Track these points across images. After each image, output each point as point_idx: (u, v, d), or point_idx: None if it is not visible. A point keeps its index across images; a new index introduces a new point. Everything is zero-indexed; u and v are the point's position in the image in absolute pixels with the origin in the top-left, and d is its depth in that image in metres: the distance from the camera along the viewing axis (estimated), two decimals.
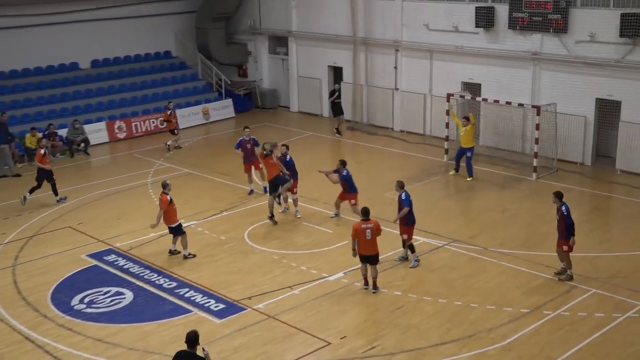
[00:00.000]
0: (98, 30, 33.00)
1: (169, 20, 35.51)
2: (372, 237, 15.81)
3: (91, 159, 27.87)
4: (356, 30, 30.55)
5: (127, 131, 30.58)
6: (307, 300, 15.78)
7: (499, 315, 14.92)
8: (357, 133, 30.39)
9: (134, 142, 29.93)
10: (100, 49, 33.38)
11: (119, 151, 28.75)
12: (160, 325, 14.92)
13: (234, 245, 18.89)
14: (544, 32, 25.14)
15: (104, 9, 33.04)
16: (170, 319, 15.14)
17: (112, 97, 32.05)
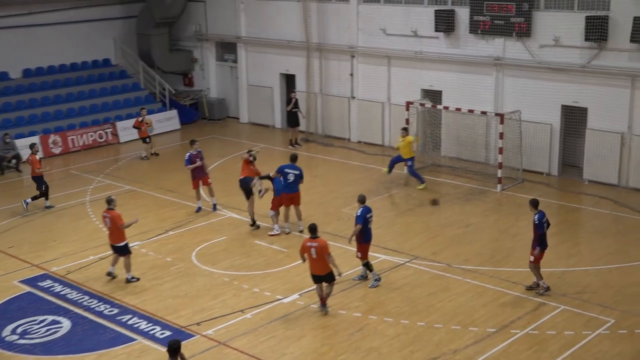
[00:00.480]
0: (30, 37, 32.61)
1: (108, 26, 35.26)
2: (318, 257, 15.71)
3: (23, 176, 27.42)
4: (309, 36, 30.68)
5: (63, 146, 30.21)
6: (260, 324, 15.72)
7: (464, 336, 15.04)
8: (312, 145, 30.45)
9: (71, 158, 29.58)
10: (32, 57, 32.95)
11: (54, 167, 28.28)
12: (100, 355, 14.71)
13: (180, 267, 18.74)
14: (506, 36, 25.56)
15: (36, 14, 32.66)
16: (111, 349, 14.93)
17: (46, 109, 31.65)
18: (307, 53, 30.94)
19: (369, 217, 17.17)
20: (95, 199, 23.91)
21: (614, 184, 23.86)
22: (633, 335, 14.85)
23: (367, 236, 17.23)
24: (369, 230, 17.27)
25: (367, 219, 17.10)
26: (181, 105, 35.04)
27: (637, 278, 17.48)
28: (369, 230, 17.25)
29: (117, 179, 26.21)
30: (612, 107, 23.66)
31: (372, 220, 17.34)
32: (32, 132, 29.99)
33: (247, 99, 34.27)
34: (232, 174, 25.93)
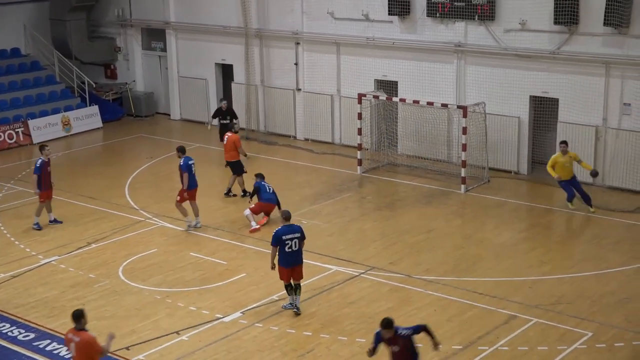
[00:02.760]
0: None
1: (16, 10, 34.82)
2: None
3: None
4: (248, 21, 30.67)
5: None
6: (198, 347, 15.64)
7: (427, 355, 15.14)
8: (253, 143, 30.41)
9: None
10: None
11: None
12: None
13: (106, 285, 18.58)
14: (468, 20, 25.86)
15: None
16: None
17: None
18: (245, 40, 30.91)
19: (286, 240, 16.30)
20: (6, 209, 23.56)
21: (589, 182, 24.29)
22: (612, 349, 15.14)
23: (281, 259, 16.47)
24: (285, 255, 16.38)
25: (283, 240, 16.29)
26: (103, 100, 34.75)
27: (615, 286, 17.83)
28: (285, 255, 16.38)
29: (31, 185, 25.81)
30: (586, 98, 24.11)
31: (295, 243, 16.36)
32: None
33: (179, 93, 34.13)
34: (163, 177, 25.91)
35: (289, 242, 16.32)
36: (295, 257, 16.49)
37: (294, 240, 16.37)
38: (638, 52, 22.84)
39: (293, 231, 16.44)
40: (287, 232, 16.38)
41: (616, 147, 23.76)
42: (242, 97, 31.47)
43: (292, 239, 16.35)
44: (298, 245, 16.46)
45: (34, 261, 19.97)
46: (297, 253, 16.49)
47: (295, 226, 16.61)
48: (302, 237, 16.60)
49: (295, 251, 16.44)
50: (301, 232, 16.56)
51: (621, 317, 16.35)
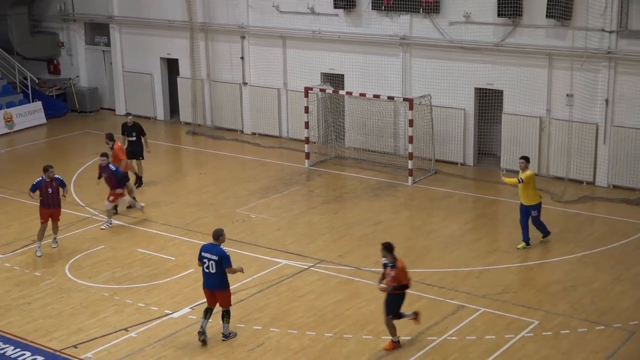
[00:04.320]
0: None
1: None
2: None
3: None
4: (193, 14, 30.50)
5: None
6: (147, 343, 15.58)
7: (377, 346, 15.27)
8: (199, 138, 30.31)
9: None
10: None
11: None
12: None
13: (52, 282, 18.41)
14: (413, 13, 26.01)
15: None
16: None
17: None
18: (190, 34, 30.74)
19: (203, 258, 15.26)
20: None
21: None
22: (558, 337, 15.40)
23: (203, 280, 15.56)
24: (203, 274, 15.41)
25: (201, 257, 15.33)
26: (47, 96, 34.35)
27: (560, 275, 18.14)
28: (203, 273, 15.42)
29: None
30: (530, 89, 24.45)
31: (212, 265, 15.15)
32: None
33: (124, 88, 33.83)
34: None
35: (205, 262, 15.19)
36: (213, 280, 15.25)
37: (211, 261, 15.09)
38: (580, 43, 23.17)
39: (211, 251, 15.17)
40: (207, 250, 15.24)
41: (559, 138, 24.10)
42: (188, 92, 31.31)
43: (209, 260, 15.12)
44: (215, 269, 15.09)
45: None
46: (214, 276, 15.16)
47: (218, 248, 15.15)
48: (222, 263, 15.02)
49: (213, 274, 15.14)
50: (220, 255, 15.02)
51: (566, 305, 16.64)
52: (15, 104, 32.80)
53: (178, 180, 26.16)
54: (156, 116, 33.17)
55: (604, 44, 23.03)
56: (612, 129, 23.39)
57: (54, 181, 19.91)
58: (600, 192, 23.45)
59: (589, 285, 17.56)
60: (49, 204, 19.87)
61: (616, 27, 22.79)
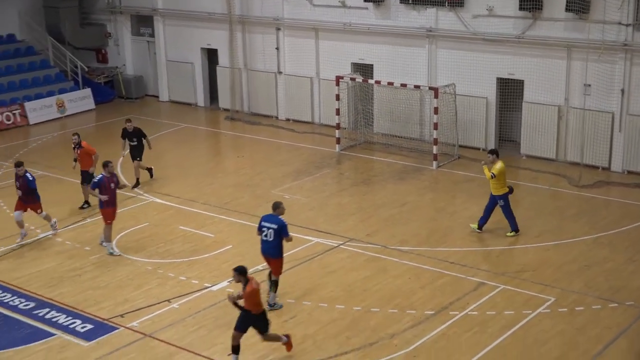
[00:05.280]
0: None
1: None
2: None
3: None
4: (232, 7, 30.51)
5: None
6: (188, 314, 15.72)
7: (402, 319, 15.31)
8: (237, 123, 30.40)
9: None
10: None
11: None
12: (17, 352, 14.52)
13: (101, 257, 18.58)
14: (438, 6, 25.87)
15: None
16: (29, 345, 14.76)
17: None
18: (229, 26, 30.76)
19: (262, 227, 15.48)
20: (5, 186, 23.44)
21: (552, 158, 24.50)
22: (573, 313, 15.36)
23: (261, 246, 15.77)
24: (261, 241, 15.62)
25: (260, 226, 15.56)
26: (95, 83, 34.55)
27: (576, 255, 18.05)
28: (261, 241, 15.63)
29: (29, 163, 25.49)
30: (549, 79, 24.26)
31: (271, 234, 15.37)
32: None
33: (167, 76, 33.96)
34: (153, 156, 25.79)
35: (265, 230, 15.39)
36: (269, 247, 15.44)
37: (270, 230, 15.30)
38: (597, 36, 22.94)
39: (270, 221, 15.38)
40: (266, 220, 15.43)
41: (576, 125, 23.92)
42: (226, 80, 31.38)
43: (268, 228, 15.33)
44: (273, 237, 15.31)
45: (32, 235, 19.93)
46: (271, 244, 15.36)
47: (277, 219, 15.37)
48: (280, 232, 15.24)
49: (270, 242, 15.35)
50: (280, 225, 15.24)
51: (581, 284, 16.58)
52: (67, 90, 33.05)
53: (217, 163, 26.30)
54: (197, 102, 33.28)
55: (620, 36, 22.79)
56: (628, 118, 23.16)
57: (113, 176, 18.78)
58: (615, 177, 23.25)
59: (603, 265, 17.47)
60: (114, 202, 18.67)
61: (632, 20, 22.54)
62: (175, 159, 26.12)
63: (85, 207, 21.65)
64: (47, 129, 30.50)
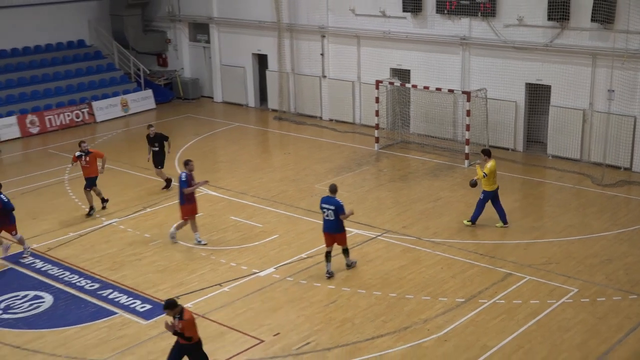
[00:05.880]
0: (5, 18, 32.15)
1: (82, 7, 34.83)
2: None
3: (2, 156, 27.16)
4: (280, 16, 30.55)
5: (41, 125, 29.93)
6: (237, 297, 15.80)
7: (434, 306, 15.24)
8: (284, 123, 30.46)
9: (48, 137, 29.32)
10: (8, 39, 32.52)
11: (32, 147, 28.11)
12: (82, 329, 14.71)
13: (159, 243, 18.74)
14: (472, 16, 25.65)
15: None
16: (93, 322, 14.95)
17: (23, 89, 31.29)
18: (278, 33, 30.81)
19: (322, 208, 16.31)
20: (74, 177, 23.75)
21: (577, 158, 24.17)
22: (594, 304, 15.14)
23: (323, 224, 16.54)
24: (324, 221, 16.43)
25: (321, 207, 16.38)
26: (156, 85, 34.82)
27: (598, 249, 17.78)
28: (323, 221, 16.44)
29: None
30: (574, 85, 23.89)
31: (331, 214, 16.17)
32: (9, 112, 29.68)
33: (221, 79, 34.12)
34: (207, 151, 26.07)
35: (325, 211, 16.15)
36: (331, 225, 16.18)
37: (330, 211, 16.08)
38: (621, 44, 22.55)
39: (329, 203, 16.11)
40: (325, 202, 16.19)
41: (600, 128, 23.55)
42: (275, 83, 31.46)
43: (327, 209, 16.11)
44: (333, 216, 16.07)
45: (97, 222, 20.18)
46: (333, 222, 16.13)
47: (334, 200, 16.10)
48: (338, 210, 16.01)
49: (332, 221, 16.12)
50: (337, 206, 16.01)
51: (602, 276, 16.34)
52: (130, 91, 33.37)
53: (265, 159, 26.37)
54: (248, 103, 33.40)
55: None
56: None
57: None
58: (636, 177, 22.84)
59: (624, 259, 17.19)
60: (193, 198, 18.40)
61: None
62: (228, 155, 26.23)
63: (91, 214, 20.48)
64: (112, 126, 30.85)
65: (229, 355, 13.65)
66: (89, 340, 14.25)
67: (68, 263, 17.68)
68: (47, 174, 24.42)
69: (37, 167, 25.30)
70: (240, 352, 13.76)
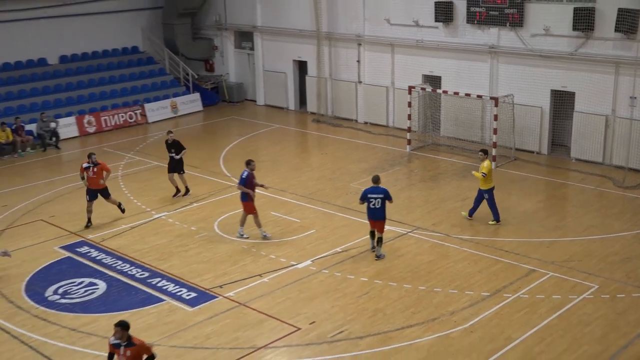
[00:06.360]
0: (66, 26, 32.62)
1: (136, 16, 35.20)
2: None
3: (62, 153, 27.58)
4: (320, 25, 30.55)
5: (97, 125, 30.31)
6: (276, 287, 15.84)
7: (461, 299, 15.13)
8: (322, 125, 30.45)
9: (104, 136, 29.68)
10: (68, 45, 32.99)
11: (89, 145, 28.47)
12: (133, 314, 14.86)
13: (204, 236, 18.85)
14: (500, 26, 25.42)
15: (71, 5, 32.63)
16: (143, 308, 15.09)
17: (81, 92, 31.72)
18: (317, 41, 30.82)
19: (370, 198, 16.73)
20: (127, 174, 24.04)
21: (599, 161, 23.83)
22: (614, 300, 14.91)
23: (367, 212, 16.99)
24: (369, 209, 16.87)
25: (368, 198, 16.79)
26: (203, 88, 35.02)
27: (618, 248, 17.50)
28: (369, 209, 16.88)
29: (146, 155, 26.30)
30: (598, 92, 23.55)
31: (378, 202, 16.70)
32: (68, 113, 30.09)
33: (263, 83, 34.23)
34: (250, 151, 26.17)
35: (372, 200, 16.65)
36: (377, 213, 16.72)
37: (378, 199, 16.62)
38: None
39: (377, 192, 16.69)
40: (372, 192, 16.71)
41: (622, 133, 23.19)
42: (314, 88, 31.49)
43: (375, 198, 16.65)
44: (381, 204, 16.63)
45: (148, 216, 20.36)
46: (378, 210, 16.69)
47: (380, 188, 16.77)
48: (386, 197, 16.69)
49: (378, 209, 16.67)
50: (385, 194, 16.68)
51: (622, 274, 16.08)
52: (179, 94, 33.61)
53: (304, 159, 26.41)
54: (288, 106, 33.46)
55: None
56: None
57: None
58: None
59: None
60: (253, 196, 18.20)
61: None
62: (269, 155, 26.31)
63: (89, 226, 19.44)
64: (162, 126, 31.08)
65: (268, 342, 13.70)
66: (138, 325, 14.37)
67: (120, 253, 17.88)
68: None
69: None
70: (278, 339, 13.79)
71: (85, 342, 13.86)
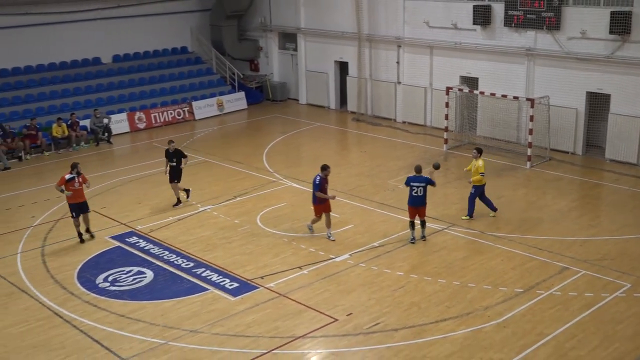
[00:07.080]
0: (119, 27, 33.03)
1: (186, 18, 35.49)
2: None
3: (114, 148, 27.95)
4: (361, 27, 30.46)
5: (147, 122, 30.64)
6: (315, 279, 15.84)
7: (494, 295, 14.96)
8: (362, 124, 30.37)
9: (153, 132, 29.99)
10: (121, 45, 33.40)
11: (139, 140, 28.82)
12: (178, 302, 15.00)
13: (247, 229, 18.92)
14: (537, 29, 25.05)
15: (124, 7, 33.04)
16: (188, 297, 15.21)
17: (133, 89, 32.09)
18: (358, 43, 30.73)
19: (413, 186, 17.38)
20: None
21: (634, 163, 23.34)
22: None
23: (409, 199, 17.58)
24: (412, 197, 17.47)
25: (411, 185, 17.43)
26: (248, 87, 35.17)
27: None
28: (411, 197, 17.47)
29: (193, 151, 26.49)
30: (634, 94, 23.07)
31: (421, 190, 17.34)
32: (120, 110, 30.48)
33: (306, 83, 34.25)
34: (292, 148, 26.19)
35: (415, 188, 17.25)
36: (419, 200, 17.30)
37: (420, 187, 17.21)
38: None
39: (419, 181, 17.26)
40: (415, 180, 17.29)
41: None
42: (354, 88, 31.40)
43: (417, 187, 17.24)
44: (423, 192, 17.23)
45: (194, 209, 20.51)
46: (421, 197, 17.27)
47: (422, 177, 17.31)
48: (428, 183, 17.29)
49: (420, 196, 17.26)
50: (427, 181, 17.28)
51: None
52: (225, 93, 33.78)
53: (344, 156, 26.35)
54: (329, 105, 33.44)
55: None
56: None
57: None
58: None
59: None
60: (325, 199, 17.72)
61: None
62: (310, 152, 26.33)
63: (83, 242, 18.24)
64: (208, 123, 31.33)
65: (306, 331, 13.71)
66: (183, 313, 14.52)
67: (167, 243, 18.05)
68: (151, 164, 24.95)
69: (143, 158, 25.91)
70: (316, 329, 13.79)
71: (132, 327, 14.02)
